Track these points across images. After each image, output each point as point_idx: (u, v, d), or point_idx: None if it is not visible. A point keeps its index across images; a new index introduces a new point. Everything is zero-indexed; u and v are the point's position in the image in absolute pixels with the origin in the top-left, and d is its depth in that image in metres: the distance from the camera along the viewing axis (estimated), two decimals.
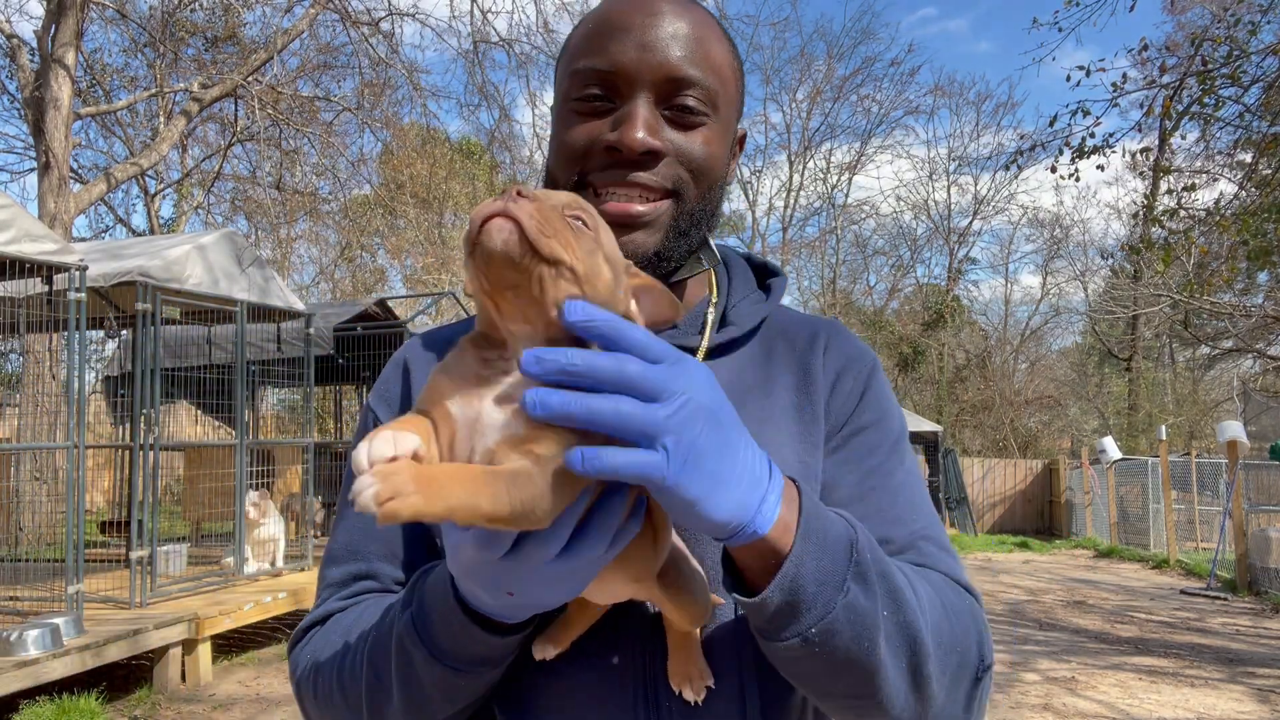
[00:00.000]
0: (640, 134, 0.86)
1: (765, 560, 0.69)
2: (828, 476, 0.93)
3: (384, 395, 1.01)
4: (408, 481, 0.54)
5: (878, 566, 0.73)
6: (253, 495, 7.52)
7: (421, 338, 1.04)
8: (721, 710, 0.85)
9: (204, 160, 20.68)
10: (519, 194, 0.61)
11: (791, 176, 35.98)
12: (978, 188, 38.71)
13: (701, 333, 0.97)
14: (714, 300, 1.01)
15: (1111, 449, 17.03)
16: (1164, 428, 15.65)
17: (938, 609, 0.79)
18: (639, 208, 0.88)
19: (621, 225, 0.87)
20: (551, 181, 0.93)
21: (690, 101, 0.88)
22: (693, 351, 0.95)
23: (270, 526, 7.73)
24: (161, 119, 17.53)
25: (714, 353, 0.97)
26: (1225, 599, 10.94)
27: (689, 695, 0.84)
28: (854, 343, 1.01)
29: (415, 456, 0.58)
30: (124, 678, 6.35)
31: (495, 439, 0.60)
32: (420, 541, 0.94)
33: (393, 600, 0.84)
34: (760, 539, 0.67)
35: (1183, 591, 11.51)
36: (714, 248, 1.01)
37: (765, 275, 1.07)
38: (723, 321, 0.99)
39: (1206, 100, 8.80)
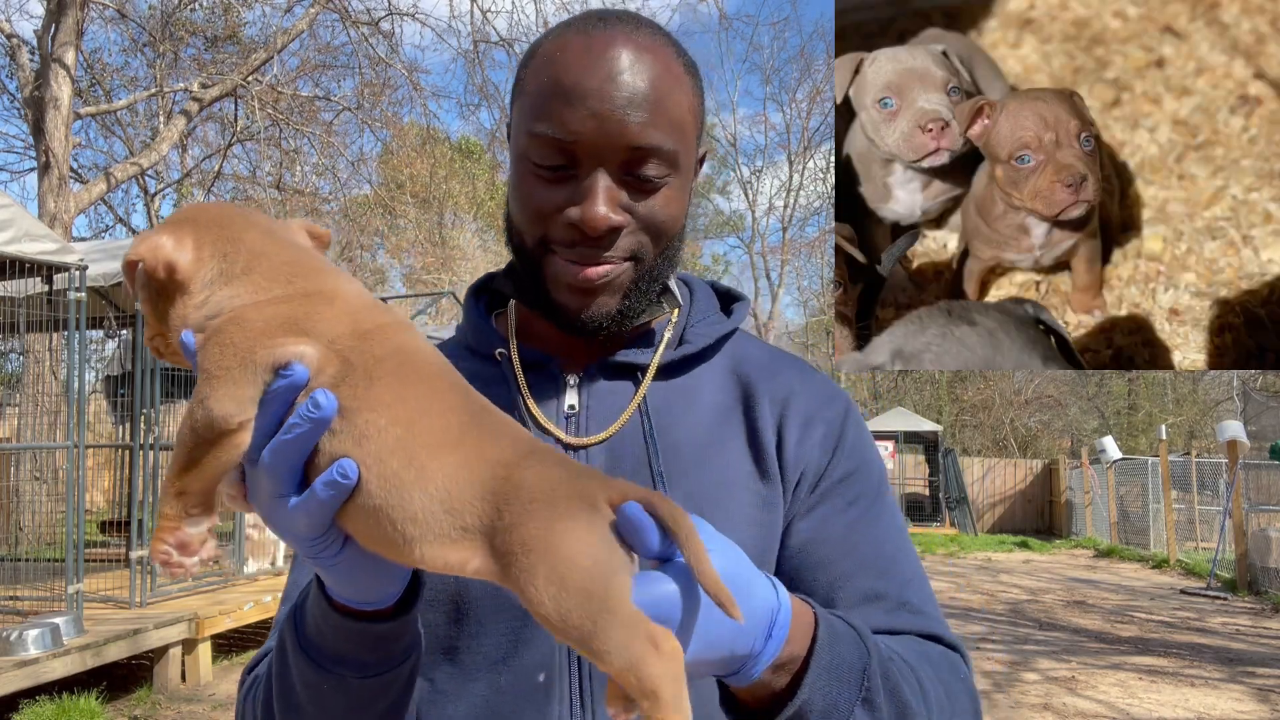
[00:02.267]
0: (601, 211, 0.86)
1: (768, 690, 0.68)
2: (810, 532, 0.92)
3: None
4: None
5: (888, 685, 0.73)
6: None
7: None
8: None
9: (204, 160, 20.68)
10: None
11: (791, 176, 36.00)
12: None
13: (654, 348, 0.98)
14: (673, 320, 1.01)
15: (1111, 449, 17.03)
16: (1164, 428, 15.66)
17: (942, 699, 0.80)
18: (595, 271, 0.89)
19: (587, 291, 0.90)
20: (514, 229, 0.94)
21: (650, 171, 0.88)
22: (644, 369, 0.96)
23: (258, 530, 7.78)
24: (161, 119, 17.53)
25: (667, 370, 0.97)
26: (1225, 599, 10.94)
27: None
28: (823, 385, 1.00)
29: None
30: (124, 677, 6.35)
31: None
32: None
33: None
34: (763, 679, 0.67)
35: (1183, 591, 11.51)
36: (674, 290, 1.01)
37: (729, 302, 1.07)
38: (680, 341, 0.99)
39: None
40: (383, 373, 0.60)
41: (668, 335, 0.99)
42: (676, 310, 1.02)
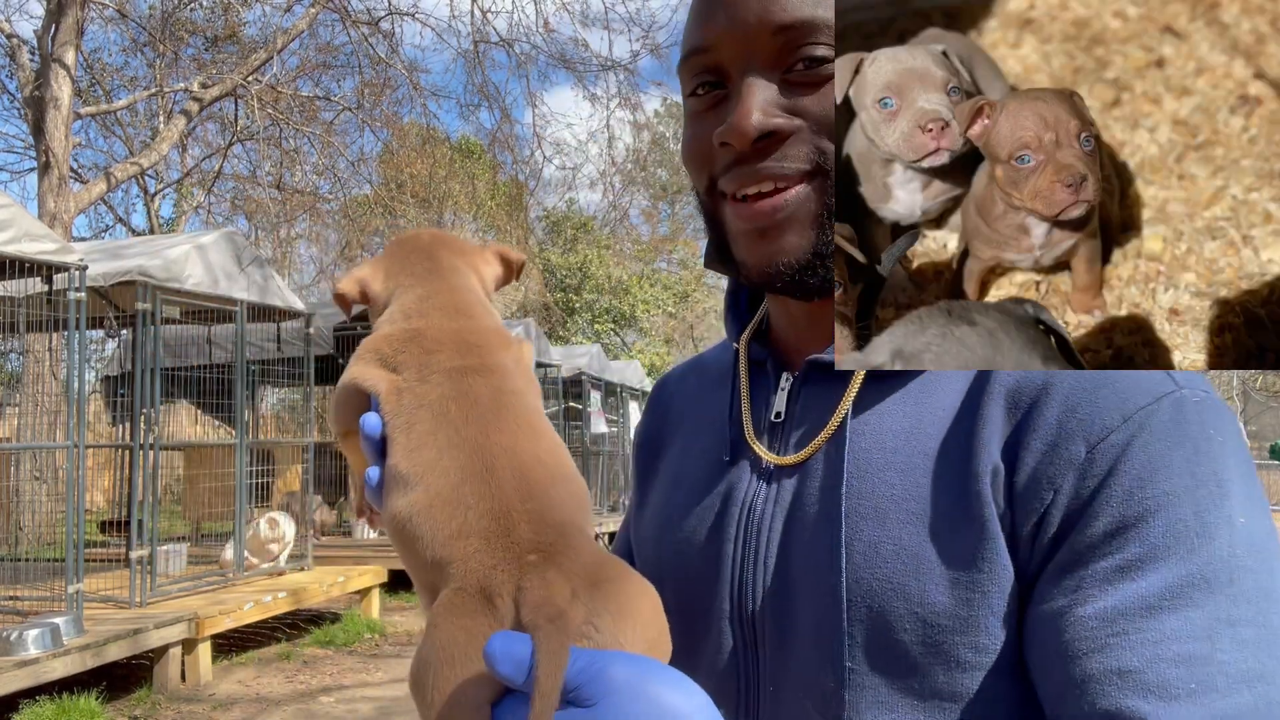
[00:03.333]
0: (753, 117, 0.68)
1: None
2: (1050, 612, 0.61)
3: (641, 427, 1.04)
4: None
5: None
6: (273, 516, 7.68)
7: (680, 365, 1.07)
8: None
9: (204, 160, 20.69)
10: None
11: None
12: None
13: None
14: None
15: None
16: None
17: None
18: (766, 204, 0.71)
19: (764, 232, 0.72)
20: (697, 196, 0.80)
21: (814, 51, 0.69)
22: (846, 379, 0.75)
23: (277, 546, 7.84)
24: (161, 119, 17.53)
25: (891, 371, 0.72)
26: None
27: None
28: (1126, 394, 0.63)
29: None
30: (124, 677, 6.36)
31: None
32: None
33: None
34: None
35: None
36: None
37: None
38: None
39: None
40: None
41: None
42: None
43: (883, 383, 0.73)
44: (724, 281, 0.90)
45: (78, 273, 5.87)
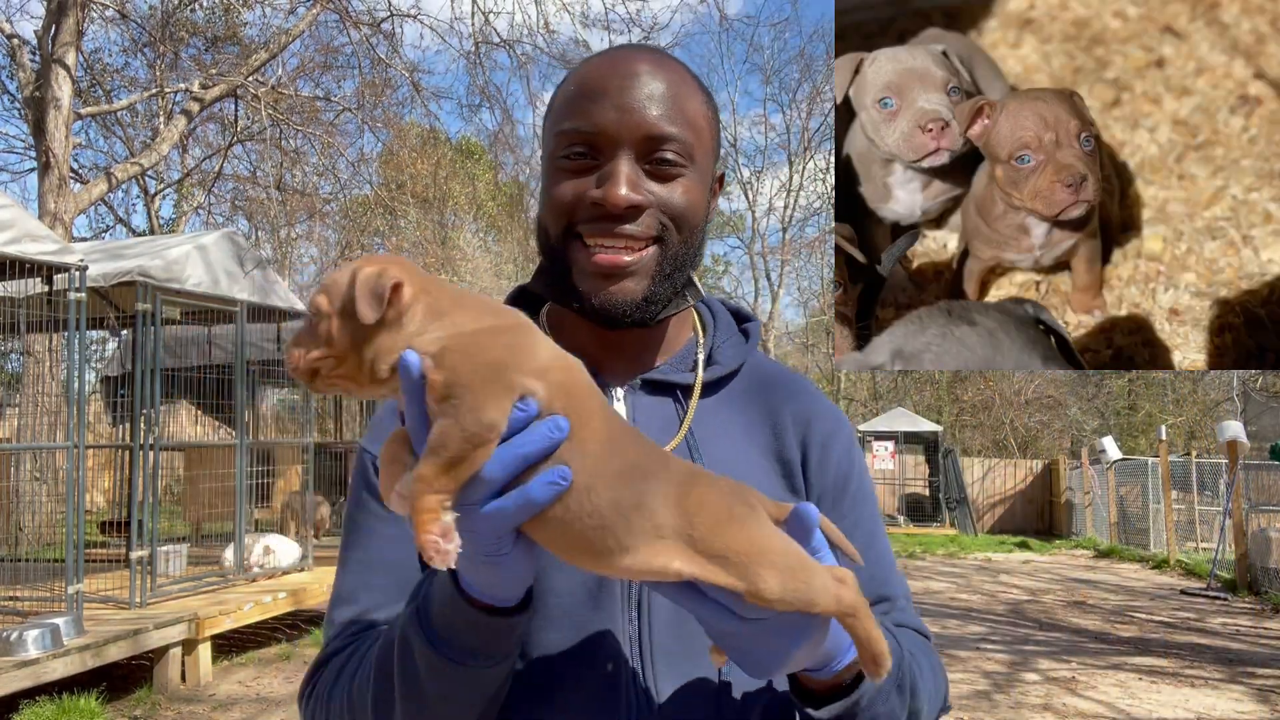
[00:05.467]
0: (623, 190, 0.92)
1: (837, 681, 0.80)
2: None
3: (381, 438, 1.02)
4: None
5: (909, 673, 0.88)
6: (269, 544, 7.72)
7: None
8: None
9: (204, 160, 20.69)
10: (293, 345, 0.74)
11: (791, 176, 35.99)
12: None
13: (693, 370, 1.06)
14: (701, 340, 1.09)
15: (1111, 449, 17.02)
16: (1164, 428, 15.65)
17: (930, 681, 0.95)
18: (626, 258, 0.95)
19: (610, 275, 0.95)
20: (543, 230, 1.00)
21: (668, 155, 0.95)
22: (689, 388, 1.04)
23: (276, 558, 7.88)
24: (161, 119, 17.53)
25: (703, 390, 1.05)
26: (1225, 599, 10.94)
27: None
28: (831, 407, 1.11)
29: None
30: (124, 678, 6.35)
31: None
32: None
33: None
34: (836, 673, 0.79)
35: (1183, 591, 11.51)
36: (698, 285, 1.06)
37: (741, 321, 1.15)
38: (709, 360, 1.07)
39: None
40: (589, 406, 0.72)
41: (701, 356, 1.07)
42: (700, 329, 1.10)
43: (708, 398, 1.04)
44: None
45: (78, 273, 5.86)
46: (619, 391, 1.03)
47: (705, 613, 0.72)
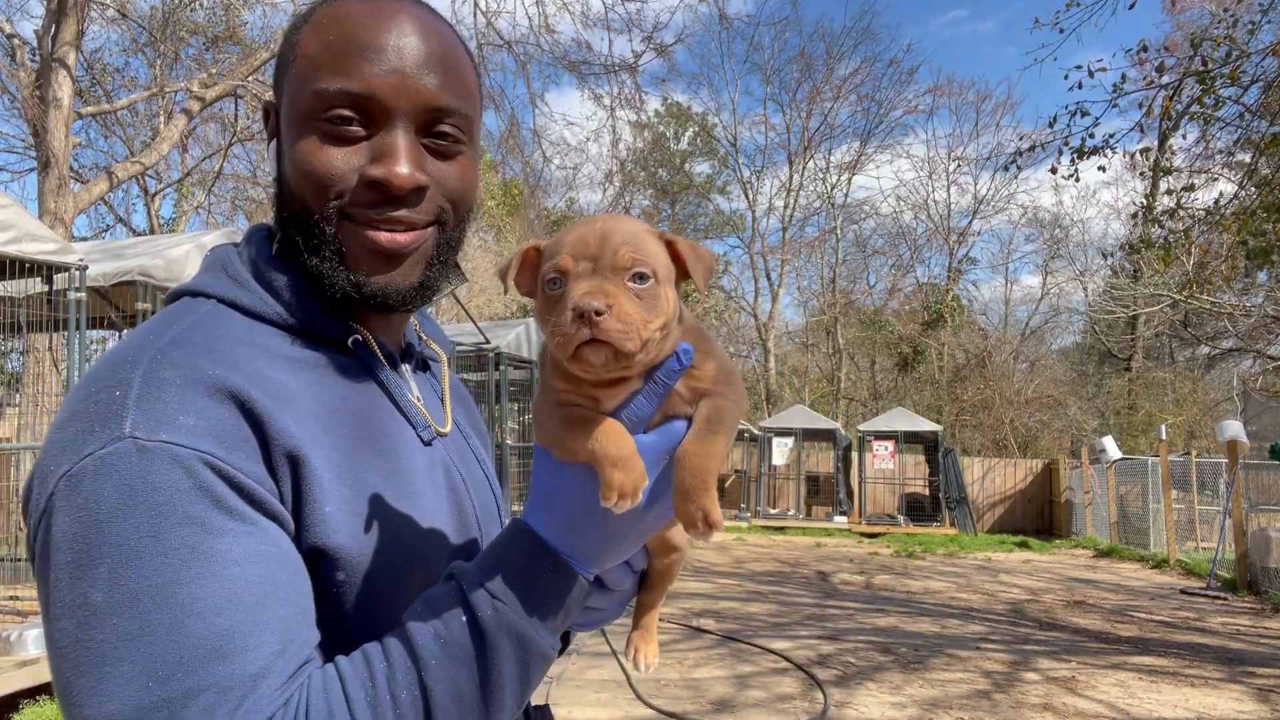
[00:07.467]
0: (407, 170, 0.84)
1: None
2: None
3: (225, 440, 0.74)
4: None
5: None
6: None
7: (191, 355, 0.78)
8: None
9: (204, 160, 20.70)
10: (597, 314, 0.67)
11: (791, 176, 35.99)
12: (977, 187, 38.76)
13: (421, 341, 1.07)
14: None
15: (1111, 449, 17.03)
16: (1164, 427, 15.65)
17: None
18: (403, 238, 0.86)
19: (390, 258, 0.87)
20: (296, 199, 0.86)
21: (449, 130, 0.87)
22: (433, 360, 1.09)
23: None
24: (162, 118, 17.54)
25: (429, 361, 1.10)
26: (1225, 599, 10.94)
27: (642, 664, 1.00)
28: None
29: None
30: None
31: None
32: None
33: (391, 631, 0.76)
34: None
35: (1183, 591, 11.51)
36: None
37: None
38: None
39: (1206, 100, 8.79)
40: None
41: (416, 325, 1.07)
42: None
43: (457, 373, 1.12)
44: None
45: (78, 273, 5.87)
46: (407, 368, 1.00)
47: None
